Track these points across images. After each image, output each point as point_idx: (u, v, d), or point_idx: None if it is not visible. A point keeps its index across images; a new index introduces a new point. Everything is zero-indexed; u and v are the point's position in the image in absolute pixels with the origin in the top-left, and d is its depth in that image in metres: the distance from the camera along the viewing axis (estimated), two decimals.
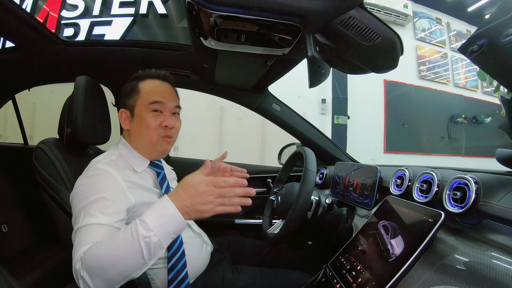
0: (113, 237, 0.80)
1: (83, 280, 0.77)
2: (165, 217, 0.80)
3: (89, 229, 0.86)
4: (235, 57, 1.29)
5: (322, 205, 1.27)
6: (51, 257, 1.67)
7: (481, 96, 7.11)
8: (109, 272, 0.78)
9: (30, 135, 2.43)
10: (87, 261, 0.77)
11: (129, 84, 1.19)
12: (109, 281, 0.79)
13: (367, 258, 0.89)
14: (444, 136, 6.61)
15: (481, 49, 0.79)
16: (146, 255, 0.78)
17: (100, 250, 0.78)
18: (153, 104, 1.12)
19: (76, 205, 0.94)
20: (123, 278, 0.80)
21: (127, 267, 0.79)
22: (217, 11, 0.84)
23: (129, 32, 4.53)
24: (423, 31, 6.56)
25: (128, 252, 0.77)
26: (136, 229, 0.78)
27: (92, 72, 1.37)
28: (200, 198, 0.81)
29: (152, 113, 1.12)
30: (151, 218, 0.79)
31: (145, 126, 1.12)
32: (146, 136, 1.13)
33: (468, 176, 0.83)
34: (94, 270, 0.77)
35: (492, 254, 0.66)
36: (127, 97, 1.17)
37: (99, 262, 0.77)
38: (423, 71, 6.47)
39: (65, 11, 4.61)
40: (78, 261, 0.79)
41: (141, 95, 1.14)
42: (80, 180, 1.01)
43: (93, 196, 0.93)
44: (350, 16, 0.87)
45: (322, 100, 5.48)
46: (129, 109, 1.16)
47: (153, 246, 0.78)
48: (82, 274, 0.77)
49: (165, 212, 0.81)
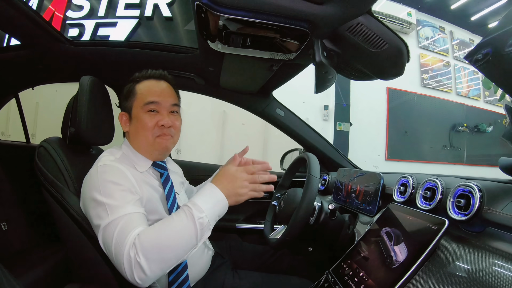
0: (166, 221, 0.89)
1: (139, 266, 0.81)
2: (213, 200, 0.93)
3: (127, 219, 0.91)
4: (241, 61, 1.28)
5: (324, 211, 1.27)
6: (51, 256, 1.66)
7: (483, 105, 7.12)
8: (166, 254, 0.85)
9: (33, 134, 2.43)
10: (144, 245, 0.83)
11: (126, 87, 1.19)
12: (165, 264, 0.86)
13: (370, 264, 0.89)
14: (446, 145, 6.61)
15: (485, 58, 0.79)
16: (199, 235, 0.88)
17: (156, 233, 0.86)
18: (149, 104, 1.12)
19: (94, 202, 0.95)
20: (177, 260, 0.87)
21: (182, 248, 0.87)
22: (226, 14, 0.84)
23: (133, 34, 4.56)
24: (426, 39, 6.59)
25: (184, 233, 0.87)
26: (191, 211, 0.89)
27: (96, 73, 1.37)
28: (239, 183, 0.97)
29: (148, 114, 1.12)
30: (202, 201, 0.91)
31: (142, 126, 1.12)
32: (143, 136, 1.13)
33: (472, 183, 0.82)
34: (152, 253, 0.83)
35: (496, 262, 0.66)
36: (125, 100, 1.18)
37: (157, 244, 0.84)
38: (425, 79, 6.48)
39: (70, 11, 4.64)
40: (132, 248, 0.83)
41: (137, 97, 1.15)
42: (90, 178, 1.02)
43: (112, 190, 0.96)
44: (358, 23, 0.87)
45: (325, 106, 5.48)
46: (127, 111, 1.17)
47: (205, 226, 0.89)
48: (139, 260, 0.81)
49: (213, 196, 0.94)
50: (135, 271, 0.82)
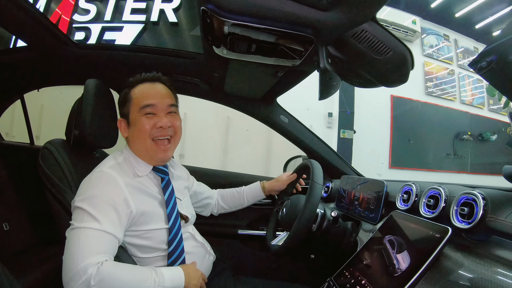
0: (132, 268, 0.95)
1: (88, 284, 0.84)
2: (176, 281, 0.99)
3: (99, 235, 0.92)
4: (245, 67, 1.29)
5: (327, 218, 1.26)
6: (51, 258, 1.66)
7: (488, 114, 7.08)
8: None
9: (37, 136, 2.44)
10: (103, 279, 0.85)
11: (122, 93, 1.19)
12: None
13: (372, 272, 0.88)
14: (450, 153, 6.57)
15: (490, 66, 0.79)
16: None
17: (118, 273, 0.89)
18: (145, 108, 1.12)
19: (78, 203, 0.96)
20: None
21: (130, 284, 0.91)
22: (231, 20, 0.84)
23: (139, 39, 4.59)
24: (430, 47, 6.58)
25: (141, 278, 0.92)
26: (156, 274, 0.95)
27: (102, 76, 1.37)
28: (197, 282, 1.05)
29: (145, 117, 1.12)
30: (169, 276, 0.98)
31: (139, 130, 1.12)
32: (142, 140, 1.12)
33: (476, 191, 0.82)
34: (106, 286, 0.86)
35: (499, 271, 0.65)
36: (122, 106, 1.18)
37: (114, 283, 0.87)
38: (430, 87, 6.46)
39: (77, 15, 4.68)
40: (94, 273, 0.85)
41: (133, 102, 1.14)
42: (85, 182, 1.02)
43: (98, 199, 0.96)
44: (362, 30, 0.87)
45: (329, 113, 5.47)
46: (125, 117, 1.17)
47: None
48: (92, 284, 0.84)
49: (178, 279, 1.00)
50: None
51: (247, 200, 1.58)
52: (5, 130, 3.09)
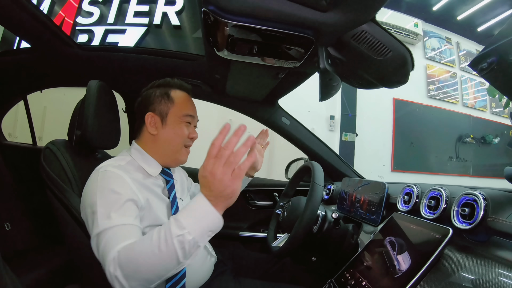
0: (146, 238, 0.80)
1: (118, 282, 0.77)
2: (198, 213, 0.78)
3: (115, 231, 0.87)
4: (247, 69, 1.29)
5: (328, 220, 1.26)
6: (52, 258, 1.67)
7: (490, 117, 7.05)
8: (145, 274, 0.77)
9: (39, 136, 2.45)
10: (122, 264, 0.77)
11: (158, 90, 1.21)
12: (145, 282, 0.78)
13: (373, 274, 0.88)
14: (452, 156, 6.55)
15: (490, 67, 0.79)
16: (180, 255, 0.76)
17: (134, 251, 0.78)
18: (187, 116, 1.20)
19: (90, 208, 0.93)
20: (158, 278, 0.79)
21: (162, 267, 0.77)
22: (232, 21, 0.85)
23: (142, 41, 4.61)
24: (433, 50, 6.57)
25: (162, 253, 0.75)
26: (170, 227, 0.77)
27: (104, 77, 1.38)
28: (213, 182, 0.77)
29: (184, 124, 1.20)
30: (184, 215, 0.78)
31: (177, 134, 1.18)
32: (174, 144, 1.18)
33: (476, 192, 0.82)
34: (129, 272, 0.77)
35: (500, 271, 0.65)
36: (157, 102, 1.19)
37: (134, 264, 0.77)
38: (432, 91, 6.45)
39: (80, 17, 4.71)
40: (112, 263, 0.78)
41: (175, 105, 1.19)
42: (90, 184, 1.00)
43: (108, 199, 0.93)
44: (362, 30, 0.88)
45: (331, 116, 5.47)
46: (159, 114, 1.18)
47: (188, 245, 0.76)
48: (117, 276, 0.76)
49: (198, 207, 0.79)
50: (116, 285, 0.77)
51: None
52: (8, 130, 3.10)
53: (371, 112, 5.79)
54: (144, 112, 1.18)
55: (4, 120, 2.20)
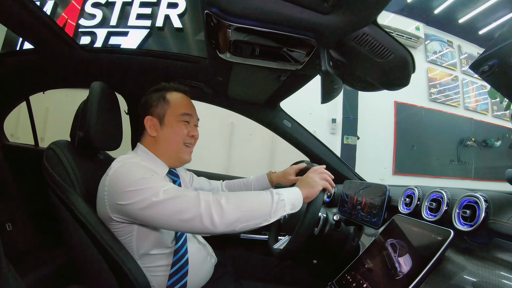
0: (249, 192, 1.15)
1: (219, 204, 0.92)
2: (290, 191, 1.06)
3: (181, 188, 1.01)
4: (249, 71, 1.30)
5: (329, 222, 1.26)
6: (53, 258, 1.67)
7: (492, 120, 7.04)
8: (243, 208, 0.95)
9: (41, 137, 2.46)
10: (227, 194, 0.97)
11: (155, 94, 1.25)
12: (240, 213, 0.94)
13: (374, 276, 0.88)
14: (454, 159, 6.54)
15: (492, 69, 0.80)
16: (273, 207, 0.98)
17: (240, 194, 1.01)
18: (184, 115, 1.23)
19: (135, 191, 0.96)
20: (250, 220, 0.96)
21: (257, 212, 0.97)
22: (234, 23, 0.85)
23: (144, 44, 4.62)
24: (434, 53, 6.57)
25: (262, 200, 0.99)
26: (271, 190, 1.03)
27: (107, 79, 1.38)
28: (310, 179, 1.14)
29: (182, 123, 1.22)
30: (280, 190, 1.04)
31: (176, 133, 1.21)
32: (174, 143, 1.22)
33: (478, 194, 0.82)
34: (232, 200, 0.95)
35: (502, 273, 0.65)
36: (155, 106, 1.22)
37: (237, 197, 0.98)
38: (433, 94, 6.45)
39: (83, 19, 4.72)
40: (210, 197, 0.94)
41: (171, 106, 1.22)
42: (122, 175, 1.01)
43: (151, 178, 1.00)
44: (363, 33, 0.88)
45: (333, 119, 5.47)
46: (157, 117, 1.21)
47: (280, 202, 0.99)
48: (220, 200, 0.93)
49: (291, 189, 1.08)
50: (214, 210, 0.91)
51: (254, 189, 1.60)
52: (10, 131, 3.11)
53: (373, 115, 5.79)
54: (143, 117, 1.22)
55: (6, 121, 2.20)
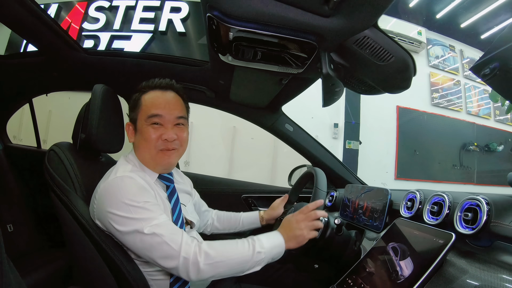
0: (230, 242, 1.03)
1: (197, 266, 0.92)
2: (275, 243, 1.05)
3: (168, 223, 1.00)
4: (251, 75, 1.30)
5: (331, 226, 1.26)
6: (54, 260, 1.67)
7: (494, 124, 7.04)
8: (220, 268, 0.96)
9: (44, 140, 2.47)
10: (209, 254, 0.95)
11: (133, 97, 1.18)
12: (216, 273, 0.96)
13: (375, 279, 0.87)
14: (456, 164, 6.52)
15: (493, 72, 0.80)
16: (250, 265, 1.00)
17: (220, 247, 0.99)
18: (152, 117, 1.10)
19: (124, 216, 0.96)
20: (221, 276, 0.98)
21: (234, 267, 0.98)
22: (236, 26, 0.86)
23: (147, 48, 4.65)
24: (436, 58, 6.58)
25: (241, 257, 0.98)
26: (254, 244, 1.01)
27: (109, 82, 1.39)
28: (295, 226, 1.10)
29: (151, 126, 1.10)
30: (265, 240, 1.04)
31: (145, 139, 1.11)
32: (146, 149, 1.12)
33: (479, 197, 0.81)
34: (210, 260, 0.94)
35: (504, 277, 0.64)
36: (131, 110, 1.17)
37: (221, 256, 0.96)
38: (436, 98, 6.45)
39: (86, 23, 4.77)
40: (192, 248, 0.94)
41: (142, 108, 1.13)
42: (114, 192, 1.00)
43: (142, 204, 0.98)
44: (364, 36, 0.88)
45: (335, 124, 5.48)
46: (133, 122, 1.16)
47: (259, 260, 1.01)
48: (199, 260, 0.93)
49: (275, 240, 1.06)
50: (191, 268, 0.92)
51: (242, 225, 1.55)
52: (13, 133, 3.13)
53: (375, 120, 5.80)
54: None
55: (9, 123, 2.22)
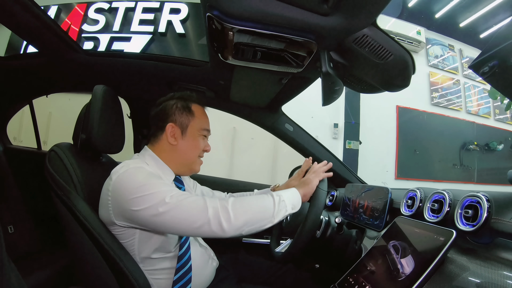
0: (248, 195, 1.17)
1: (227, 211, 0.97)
2: (289, 192, 1.13)
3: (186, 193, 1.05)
4: (250, 75, 1.31)
5: (331, 225, 1.26)
6: (55, 260, 1.67)
7: (494, 123, 7.04)
8: (249, 216, 1.00)
9: (44, 141, 2.47)
10: (231, 201, 1.01)
11: (178, 102, 1.25)
12: (246, 218, 1.00)
13: (376, 278, 0.87)
14: (456, 163, 6.52)
15: (492, 70, 0.80)
16: (276, 208, 1.05)
17: (244, 200, 1.04)
18: (205, 131, 1.29)
19: (142, 198, 0.97)
20: (255, 223, 1.02)
21: (261, 215, 1.03)
22: (236, 26, 0.86)
23: (147, 49, 4.65)
24: (436, 57, 6.58)
25: (265, 202, 1.06)
26: (270, 193, 1.11)
27: (110, 83, 1.39)
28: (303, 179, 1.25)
29: (201, 137, 1.28)
30: (283, 191, 1.13)
31: (195, 146, 1.26)
32: (192, 155, 1.26)
33: (480, 194, 0.81)
34: (236, 206, 1.00)
35: (505, 273, 0.64)
36: (178, 114, 1.23)
37: (245, 206, 1.02)
38: (435, 98, 6.45)
39: (86, 25, 4.77)
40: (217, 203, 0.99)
41: (195, 118, 1.26)
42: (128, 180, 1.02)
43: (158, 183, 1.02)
44: (363, 34, 0.88)
45: (335, 124, 5.47)
46: (180, 126, 1.22)
47: (281, 202, 1.07)
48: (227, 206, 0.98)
49: (288, 190, 1.15)
50: (222, 216, 0.96)
51: None
52: (13, 134, 3.13)
53: (375, 119, 5.79)
54: (165, 122, 1.21)
55: (9, 124, 2.22)
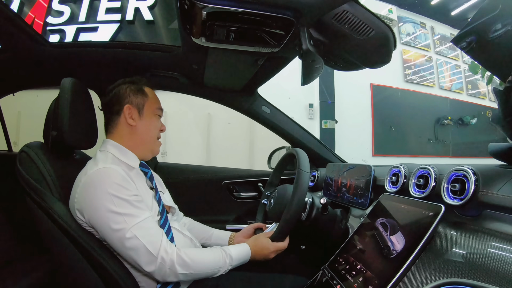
0: (207, 253, 1.13)
1: (174, 272, 1.00)
2: (242, 258, 1.18)
3: (150, 222, 1.04)
4: (225, 57, 1.27)
5: (316, 206, 1.25)
6: (37, 267, 1.61)
7: (467, 98, 7.27)
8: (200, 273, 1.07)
9: (15, 142, 2.36)
10: (185, 259, 1.02)
11: (131, 85, 1.23)
12: (189, 278, 1.07)
13: (367, 257, 0.87)
14: (432, 138, 6.71)
15: (470, 46, 0.82)
16: (218, 272, 1.11)
17: (198, 257, 1.07)
18: (160, 110, 1.28)
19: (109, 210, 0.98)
20: (193, 278, 1.10)
21: (207, 274, 1.09)
22: (209, 4, 0.81)
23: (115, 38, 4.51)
24: (408, 35, 6.69)
25: (216, 268, 1.10)
26: (229, 258, 1.13)
27: (78, 75, 1.31)
28: (266, 253, 1.21)
29: (157, 117, 1.27)
30: (236, 254, 1.16)
31: (153, 126, 1.25)
32: (151, 134, 1.24)
33: (466, 167, 0.82)
34: (190, 270, 1.03)
35: (494, 244, 0.65)
36: (134, 96, 1.21)
37: (198, 264, 1.05)
38: (409, 75, 6.57)
39: (50, 17, 4.56)
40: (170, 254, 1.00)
41: (149, 99, 1.24)
42: (96, 184, 1.01)
43: (125, 196, 1.01)
44: (343, 10, 0.86)
45: (310, 105, 5.49)
46: (136, 107, 1.20)
47: (226, 269, 1.13)
48: (178, 268, 1.00)
49: (246, 254, 1.19)
50: (168, 274, 1.00)
51: (211, 241, 1.53)
52: None
53: (349, 98, 5.86)
54: (122, 105, 1.18)
55: None
